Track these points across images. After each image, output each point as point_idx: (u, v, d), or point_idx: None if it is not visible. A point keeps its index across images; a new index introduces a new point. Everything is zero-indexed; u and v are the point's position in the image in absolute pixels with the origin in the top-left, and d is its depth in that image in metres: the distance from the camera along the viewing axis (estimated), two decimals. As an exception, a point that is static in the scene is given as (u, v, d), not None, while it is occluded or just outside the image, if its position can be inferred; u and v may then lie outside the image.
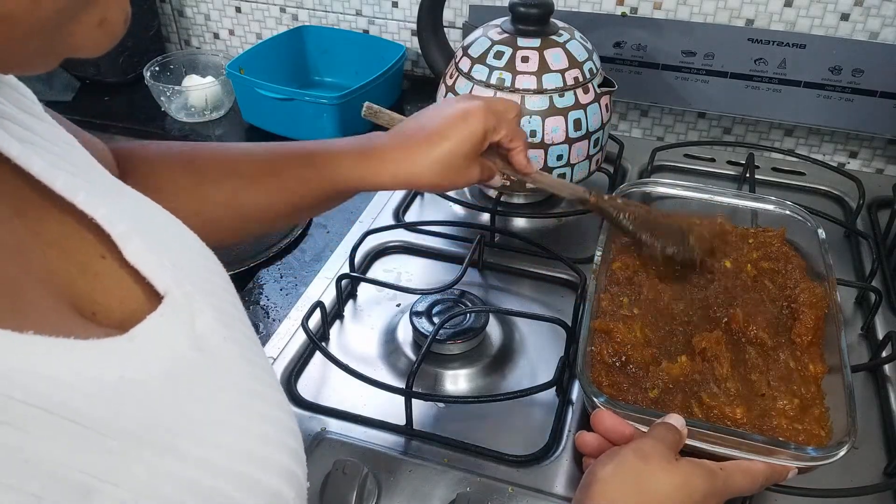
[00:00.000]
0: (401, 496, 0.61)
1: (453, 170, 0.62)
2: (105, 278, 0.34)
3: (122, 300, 0.34)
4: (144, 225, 0.37)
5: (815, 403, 0.59)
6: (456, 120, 0.62)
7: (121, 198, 0.38)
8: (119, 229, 0.34)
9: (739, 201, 0.78)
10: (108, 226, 0.34)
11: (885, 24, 0.98)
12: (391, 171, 0.61)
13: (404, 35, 1.22)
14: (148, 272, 0.34)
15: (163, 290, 0.34)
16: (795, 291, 0.67)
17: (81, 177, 0.35)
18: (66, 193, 0.33)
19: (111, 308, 0.33)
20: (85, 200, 0.33)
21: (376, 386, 0.67)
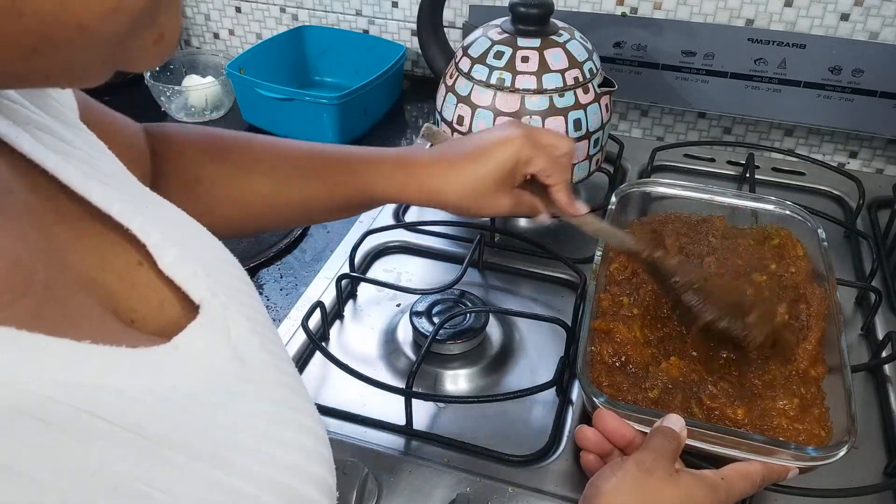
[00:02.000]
0: (401, 496, 0.61)
1: (480, 195, 0.61)
2: (142, 287, 0.34)
3: (158, 309, 0.34)
4: (175, 234, 0.37)
5: (815, 403, 0.59)
6: (493, 145, 0.61)
7: (152, 207, 0.39)
8: (154, 239, 0.34)
9: (739, 201, 0.78)
10: (143, 236, 0.34)
11: (885, 24, 0.98)
12: (419, 184, 0.61)
13: (404, 35, 1.22)
14: (183, 282, 0.34)
15: (198, 300, 0.34)
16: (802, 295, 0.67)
17: (114, 186, 0.35)
18: (102, 204, 0.33)
19: (148, 317, 0.34)
20: (120, 211, 0.34)
21: (376, 386, 0.67)
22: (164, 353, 0.30)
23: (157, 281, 0.35)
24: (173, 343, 0.31)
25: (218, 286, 0.36)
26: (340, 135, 1.08)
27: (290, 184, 0.61)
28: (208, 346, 0.33)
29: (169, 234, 0.36)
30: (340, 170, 0.61)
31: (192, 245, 0.39)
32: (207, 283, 0.35)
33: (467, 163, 0.61)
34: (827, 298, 0.66)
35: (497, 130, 0.63)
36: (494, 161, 0.60)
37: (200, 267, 0.36)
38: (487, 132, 0.64)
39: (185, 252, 0.35)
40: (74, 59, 0.26)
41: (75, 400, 0.25)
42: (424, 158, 0.62)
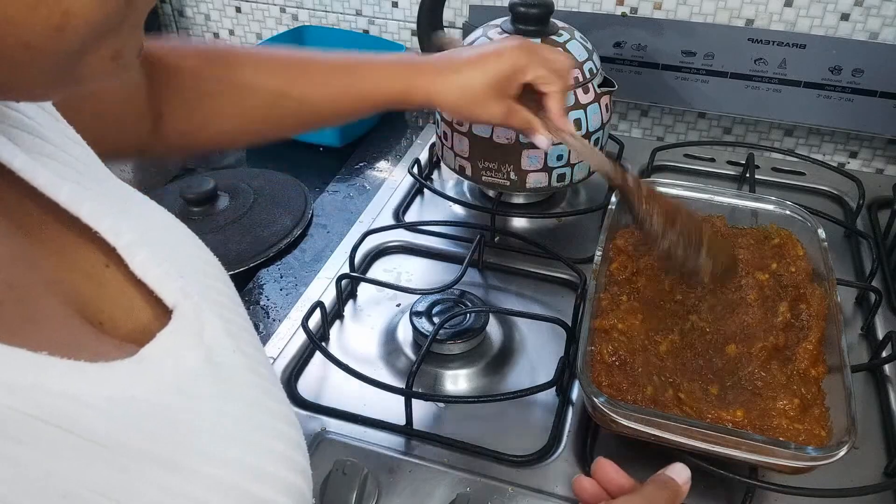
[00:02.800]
0: (401, 496, 0.61)
1: (472, 99, 0.64)
2: (110, 288, 0.34)
3: (129, 311, 0.34)
4: (151, 233, 0.37)
5: (816, 403, 0.59)
6: (491, 53, 0.65)
7: (127, 205, 0.38)
8: (124, 241, 0.34)
9: (739, 201, 0.78)
10: (112, 238, 0.33)
11: (885, 24, 0.98)
12: (422, 87, 0.64)
13: (404, 35, 1.22)
14: (155, 284, 0.34)
15: (171, 303, 0.34)
16: (802, 295, 0.67)
17: (85, 186, 0.35)
18: (70, 206, 0.33)
19: (117, 318, 0.33)
20: (90, 212, 0.33)
21: (376, 386, 0.67)
22: (126, 367, 0.29)
23: (126, 283, 0.34)
24: (139, 356, 0.30)
25: (192, 286, 0.35)
26: (340, 135, 1.08)
27: (295, 89, 0.62)
28: (176, 353, 0.32)
29: (142, 233, 0.35)
30: (346, 73, 0.63)
31: (168, 244, 0.38)
32: (180, 283, 0.34)
33: (466, 68, 0.64)
34: (827, 298, 0.66)
35: (498, 42, 0.67)
36: (491, 66, 0.64)
37: (174, 267, 0.35)
38: (490, 43, 0.67)
39: (157, 252, 0.35)
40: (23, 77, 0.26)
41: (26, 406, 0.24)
42: (428, 63, 0.65)
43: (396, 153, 1.08)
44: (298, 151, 1.10)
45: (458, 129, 0.87)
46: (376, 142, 1.11)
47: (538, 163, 0.85)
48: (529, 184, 0.87)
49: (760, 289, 0.68)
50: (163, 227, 0.40)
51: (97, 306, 0.33)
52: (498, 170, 0.87)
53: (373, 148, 1.09)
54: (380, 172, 1.04)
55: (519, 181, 0.87)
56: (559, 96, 0.66)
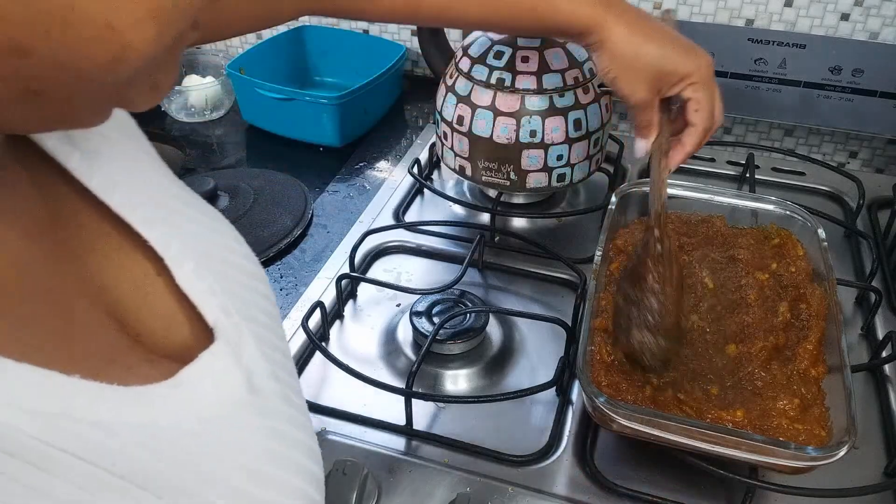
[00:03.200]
0: (401, 496, 0.61)
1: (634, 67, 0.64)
2: (154, 299, 0.33)
3: (168, 324, 0.33)
4: (199, 241, 0.36)
5: (816, 403, 0.59)
6: (680, 47, 0.65)
7: (179, 210, 0.37)
8: (173, 251, 0.33)
9: (739, 201, 0.78)
10: (162, 248, 0.33)
11: (885, 24, 0.98)
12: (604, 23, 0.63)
13: (404, 35, 1.22)
14: (197, 300, 0.33)
15: (211, 322, 0.33)
16: (802, 295, 0.67)
17: (139, 190, 0.34)
18: (122, 211, 0.32)
19: (157, 331, 0.33)
20: (141, 219, 0.33)
21: (376, 386, 0.67)
22: (160, 392, 0.29)
23: (170, 294, 0.33)
24: (176, 380, 0.30)
25: (233, 302, 0.35)
26: (340, 135, 1.08)
27: None
28: (217, 378, 0.31)
29: (190, 241, 0.35)
30: None
31: (215, 255, 0.37)
32: (222, 300, 0.34)
33: (653, 40, 0.64)
34: (827, 298, 0.66)
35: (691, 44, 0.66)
36: (673, 58, 0.64)
37: (217, 280, 0.35)
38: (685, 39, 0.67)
39: (202, 263, 0.34)
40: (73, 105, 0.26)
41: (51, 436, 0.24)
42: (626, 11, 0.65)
43: (396, 153, 1.08)
44: (298, 151, 1.10)
45: (457, 129, 0.87)
46: (376, 142, 1.11)
47: (538, 163, 0.85)
48: (529, 184, 0.87)
49: (760, 289, 0.68)
50: (211, 233, 0.39)
51: (137, 317, 0.32)
52: (498, 170, 0.87)
53: (373, 148, 1.09)
54: (380, 172, 1.04)
55: (519, 181, 0.87)
56: (698, 133, 0.67)
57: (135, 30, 0.23)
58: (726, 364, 0.63)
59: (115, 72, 0.24)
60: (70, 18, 0.21)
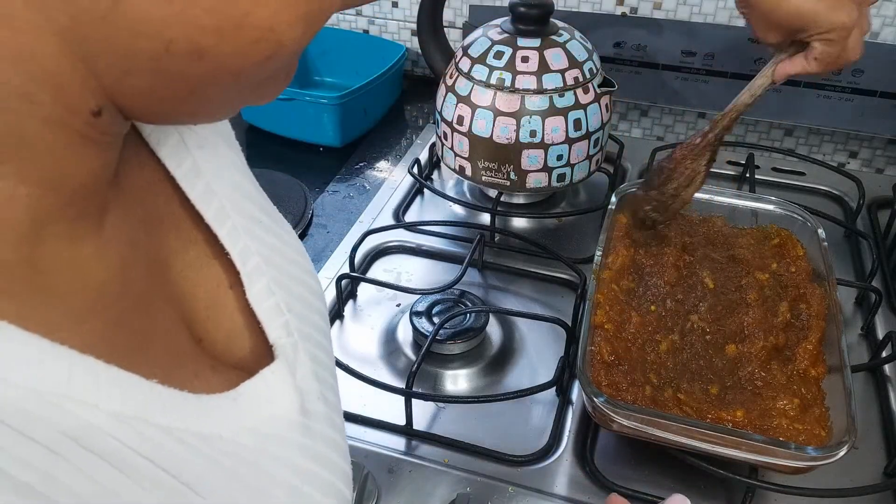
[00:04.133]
0: (401, 496, 0.61)
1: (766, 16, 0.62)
2: (221, 311, 0.34)
3: (230, 337, 0.34)
4: (274, 256, 0.37)
5: (816, 403, 0.59)
6: None
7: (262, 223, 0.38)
8: (249, 267, 0.34)
9: (739, 201, 0.78)
10: (240, 263, 0.34)
11: (885, 24, 0.98)
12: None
13: (404, 35, 1.22)
14: (264, 317, 0.34)
15: (273, 340, 0.34)
16: (802, 295, 0.67)
17: (231, 204, 0.35)
18: (214, 224, 0.33)
19: (216, 342, 0.33)
20: (228, 233, 0.33)
21: (376, 386, 0.67)
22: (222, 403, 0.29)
23: (237, 308, 0.34)
24: (235, 392, 0.30)
25: (294, 321, 0.35)
26: (340, 135, 1.08)
27: None
28: (274, 396, 0.32)
29: (266, 256, 0.35)
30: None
31: (283, 268, 0.38)
32: (285, 319, 0.34)
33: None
34: (827, 298, 0.66)
35: None
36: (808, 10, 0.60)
37: (283, 298, 0.35)
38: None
39: (273, 279, 0.35)
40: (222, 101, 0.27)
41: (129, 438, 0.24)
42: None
43: (396, 153, 1.08)
44: (298, 151, 1.10)
45: (457, 129, 0.87)
46: (376, 142, 1.11)
47: (538, 163, 0.85)
48: (529, 184, 0.87)
49: (760, 289, 0.68)
50: (284, 246, 0.39)
51: (205, 326, 0.33)
52: (498, 170, 0.87)
53: (373, 148, 1.09)
54: (380, 172, 1.04)
55: (519, 181, 0.87)
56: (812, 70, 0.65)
57: (290, 31, 0.24)
58: (726, 364, 0.63)
59: (266, 68, 0.25)
60: (244, 23, 0.23)
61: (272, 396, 0.32)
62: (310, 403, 0.34)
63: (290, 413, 0.32)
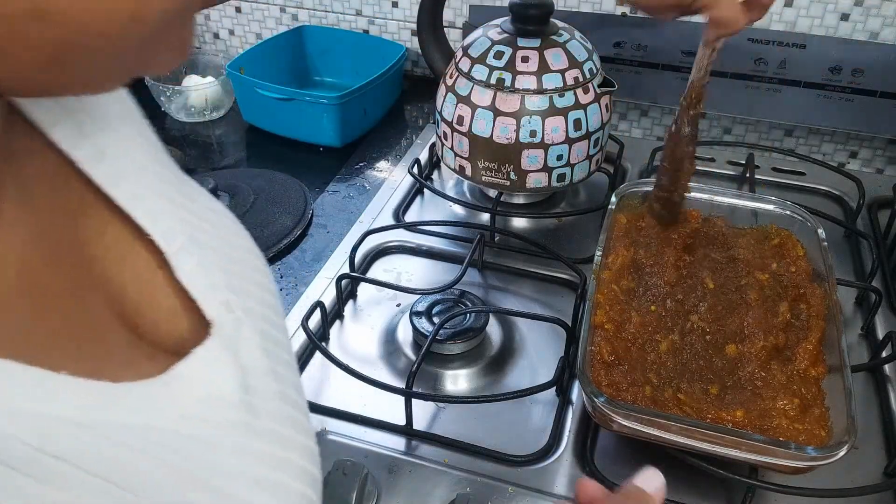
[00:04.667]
0: (401, 496, 0.61)
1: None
2: (155, 291, 0.33)
3: (171, 318, 0.33)
4: (203, 236, 0.36)
5: (816, 403, 0.59)
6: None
7: (185, 205, 0.36)
8: (176, 245, 0.33)
9: (739, 201, 0.78)
10: (164, 242, 0.33)
11: (885, 24, 0.98)
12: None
13: (404, 35, 1.22)
14: (198, 295, 0.33)
15: (211, 316, 0.33)
16: (802, 295, 0.67)
17: (146, 183, 0.34)
18: (127, 205, 0.32)
19: (159, 323, 0.32)
20: (145, 212, 0.32)
21: (376, 386, 0.67)
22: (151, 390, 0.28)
23: (173, 288, 0.33)
24: (168, 376, 0.29)
25: (237, 297, 0.34)
26: (340, 135, 1.08)
27: None
28: (210, 375, 0.30)
29: (195, 234, 0.34)
30: None
31: (220, 247, 0.37)
32: (225, 295, 0.33)
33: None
34: (827, 298, 0.66)
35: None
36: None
37: (221, 276, 0.34)
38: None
39: (207, 257, 0.34)
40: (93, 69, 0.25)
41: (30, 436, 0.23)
42: None
43: (396, 153, 1.08)
44: (298, 151, 1.10)
45: (457, 129, 0.87)
46: (376, 142, 1.11)
47: (538, 163, 0.85)
48: (529, 184, 0.87)
49: (760, 289, 0.68)
50: (216, 227, 0.38)
51: (138, 310, 0.32)
52: (498, 170, 0.87)
53: (373, 148, 1.09)
54: (380, 172, 1.04)
55: (519, 181, 0.87)
56: None
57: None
58: (726, 364, 0.63)
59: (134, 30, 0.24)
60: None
61: (208, 376, 0.30)
62: (257, 381, 0.33)
63: (230, 392, 0.31)
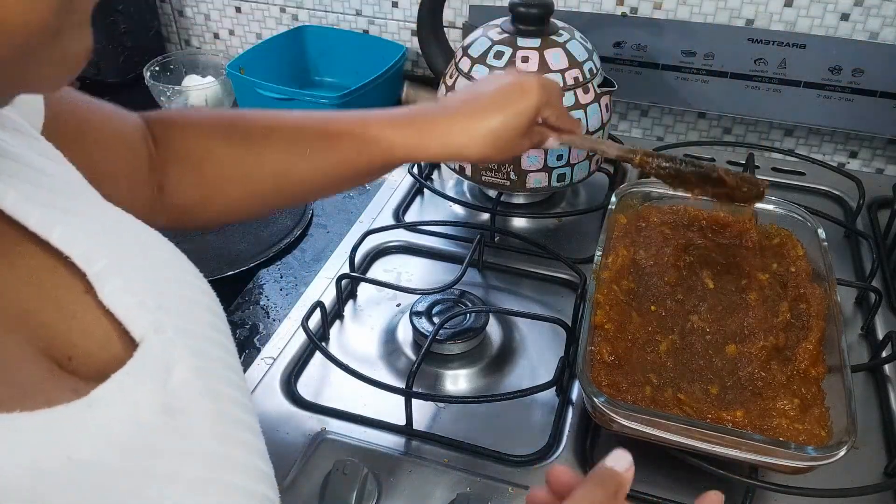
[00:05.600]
0: (401, 496, 0.61)
1: (505, 142, 0.61)
2: (85, 319, 0.31)
3: (102, 344, 0.31)
4: (130, 258, 0.34)
5: (816, 403, 0.59)
6: (512, 93, 0.61)
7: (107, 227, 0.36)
8: (97, 268, 0.32)
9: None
10: (85, 264, 0.31)
11: (885, 24, 0.98)
12: (442, 141, 0.60)
13: (404, 35, 1.22)
14: (124, 315, 0.31)
15: (139, 337, 0.31)
16: (802, 295, 0.67)
17: (61, 208, 0.33)
18: (40, 230, 0.31)
19: (90, 352, 0.31)
20: (61, 237, 0.31)
21: (376, 386, 0.67)
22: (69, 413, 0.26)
23: (101, 313, 0.32)
24: (89, 398, 0.27)
25: (168, 318, 0.33)
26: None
27: (306, 158, 0.59)
28: (132, 398, 0.29)
29: (120, 258, 0.33)
30: (350, 137, 0.60)
31: (148, 268, 0.35)
32: (154, 316, 0.32)
33: (493, 112, 0.61)
34: (827, 298, 0.66)
35: (507, 77, 0.64)
36: (519, 108, 0.61)
37: (151, 296, 0.33)
38: (497, 79, 0.64)
39: (133, 279, 0.33)
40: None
41: None
42: (443, 114, 0.62)
43: (396, 153, 1.08)
44: (298, 151, 1.10)
45: (458, 129, 0.87)
46: (376, 142, 1.11)
47: (538, 163, 0.85)
48: (529, 184, 0.87)
49: (761, 289, 0.68)
50: (145, 249, 0.37)
51: (68, 339, 0.30)
52: (498, 170, 0.87)
53: (373, 148, 1.09)
54: (380, 172, 1.04)
55: (519, 181, 0.87)
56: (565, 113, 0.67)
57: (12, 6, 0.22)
58: (726, 364, 0.63)
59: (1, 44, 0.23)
60: None
61: (128, 399, 0.29)
62: (186, 402, 0.31)
63: (150, 414, 0.29)
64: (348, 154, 0.60)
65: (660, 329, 0.66)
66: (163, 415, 0.30)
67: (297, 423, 0.67)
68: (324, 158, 0.59)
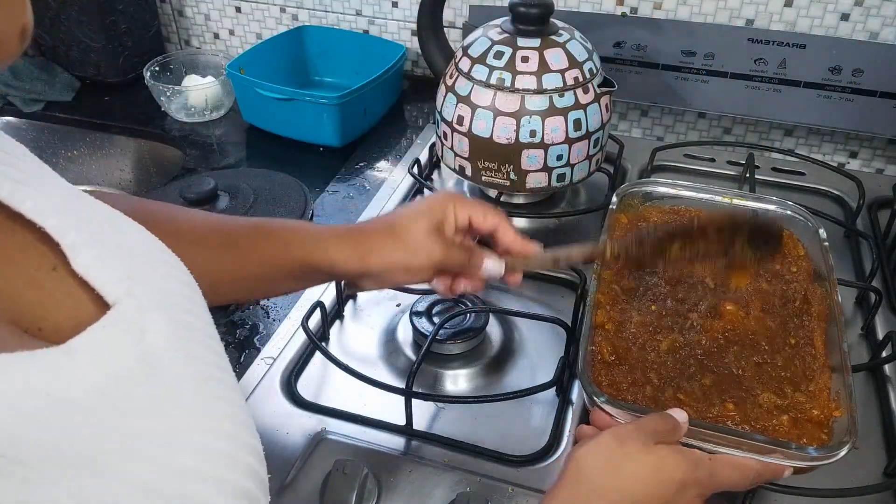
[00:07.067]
0: (401, 496, 0.61)
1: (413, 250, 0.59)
2: (55, 291, 0.31)
3: (72, 315, 0.31)
4: (103, 235, 0.35)
5: (817, 403, 0.59)
6: (418, 205, 0.61)
7: (78, 206, 0.36)
8: (69, 239, 0.32)
9: (739, 201, 0.78)
10: (57, 235, 0.31)
11: (885, 24, 0.98)
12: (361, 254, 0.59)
13: (404, 35, 1.22)
14: (97, 283, 0.31)
15: (112, 301, 0.31)
16: (803, 295, 0.67)
17: (32, 186, 0.33)
18: (12, 201, 0.31)
19: (60, 323, 0.31)
20: (33, 209, 0.31)
21: (376, 386, 0.67)
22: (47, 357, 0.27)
23: (72, 285, 0.32)
24: (66, 346, 0.28)
25: (142, 289, 0.33)
26: (340, 135, 1.08)
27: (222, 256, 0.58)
28: (108, 349, 0.29)
29: (94, 234, 0.33)
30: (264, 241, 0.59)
31: (123, 246, 0.36)
32: (127, 284, 0.32)
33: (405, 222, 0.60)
34: (827, 298, 0.66)
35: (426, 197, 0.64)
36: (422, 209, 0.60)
37: (124, 269, 0.33)
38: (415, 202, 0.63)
39: (108, 252, 0.33)
40: None
41: None
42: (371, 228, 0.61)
43: (396, 153, 1.08)
44: (298, 151, 1.10)
45: (457, 129, 0.87)
46: (376, 142, 1.11)
47: (538, 163, 0.85)
48: (529, 184, 0.87)
49: (762, 289, 0.68)
50: (115, 225, 0.38)
51: (38, 314, 0.31)
52: (498, 170, 0.87)
53: (373, 148, 1.09)
54: (380, 172, 1.04)
55: (519, 181, 0.87)
56: (509, 226, 0.62)
57: None
58: (727, 364, 0.63)
59: None
60: None
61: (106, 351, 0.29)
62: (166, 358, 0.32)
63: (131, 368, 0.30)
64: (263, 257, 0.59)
65: (660, 328, 0.66)
66: (139, 367, 0.30)
67: (296, 423, 0.67)
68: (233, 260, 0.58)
